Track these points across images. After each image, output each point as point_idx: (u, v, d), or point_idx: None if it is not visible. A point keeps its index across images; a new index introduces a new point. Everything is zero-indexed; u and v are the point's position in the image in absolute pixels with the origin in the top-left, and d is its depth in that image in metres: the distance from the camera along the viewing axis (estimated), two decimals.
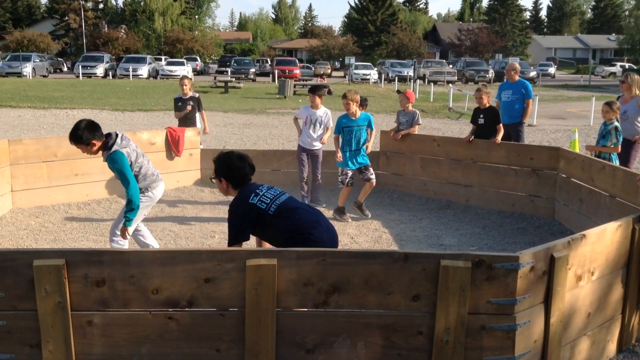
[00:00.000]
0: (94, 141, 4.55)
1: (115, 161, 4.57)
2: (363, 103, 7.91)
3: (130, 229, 4.71)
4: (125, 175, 4.57)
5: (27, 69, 38.89)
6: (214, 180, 3.84)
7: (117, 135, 4.68)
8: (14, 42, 51.77)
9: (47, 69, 42.61)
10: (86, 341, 2.85)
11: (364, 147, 7.10)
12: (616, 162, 6.57)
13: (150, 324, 2.85)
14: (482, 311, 2.91)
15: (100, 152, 4.65)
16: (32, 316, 2.81)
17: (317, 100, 7.50)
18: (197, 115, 9.09)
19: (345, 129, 6.94)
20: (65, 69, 50.40)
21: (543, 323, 3.14)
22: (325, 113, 7.57)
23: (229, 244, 3.66)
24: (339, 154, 6.93)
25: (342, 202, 7.11)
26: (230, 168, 3.73)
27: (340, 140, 6.98)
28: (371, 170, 7.12)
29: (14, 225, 6.53)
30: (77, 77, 38.97)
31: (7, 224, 6.59)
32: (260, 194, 3.68)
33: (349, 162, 7.00)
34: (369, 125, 7.09)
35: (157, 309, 2.84)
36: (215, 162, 3.80)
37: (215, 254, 2.83)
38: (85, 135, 4.50)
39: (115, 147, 4.61)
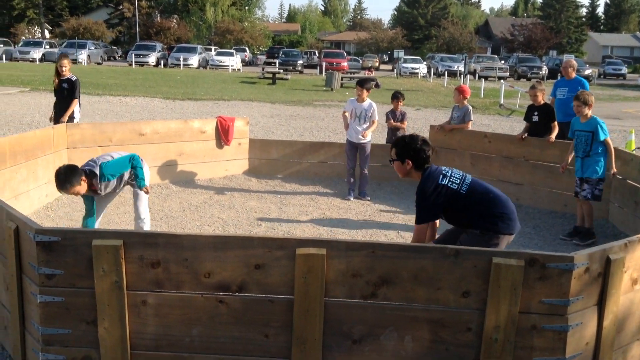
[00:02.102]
0: (82, 179, 4.56)
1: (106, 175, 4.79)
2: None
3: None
4: (119, 163, 4.90)
5: (83, 56, 40.07)
6: (393, 163, 3.97)
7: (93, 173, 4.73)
8: (70, 29, 53.33)
9: (101, 56, 43.80)
10: (140, 320, 2.94)
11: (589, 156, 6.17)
12: None
13: (202, 306, 2.91)
14: (534, 311, 2.86)
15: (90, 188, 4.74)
16: (90, 294, 2.91)
17: (364, 93, 7.46)
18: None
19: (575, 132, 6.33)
20: (118, 57, 51.67)
21: (596, 326, 3.07)
22: (370, 106, 7.54)
23: (418, 223, 3.80)
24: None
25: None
26: (416, 150, 3.84)
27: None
28: (585, 186, 6.17)
29: (70, 207, 6.76)
30: (130, 65, 39.90)
31: (64, 205, 6.82)
32: (448, 175, 3.79)
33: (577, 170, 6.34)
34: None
35: (208, 292, 2.91)
36: (398, 144, 3.93)
37: (266, 241, 2.87)
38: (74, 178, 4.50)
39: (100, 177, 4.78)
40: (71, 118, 8.21)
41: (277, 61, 41.39)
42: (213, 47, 49.87)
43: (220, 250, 2.86)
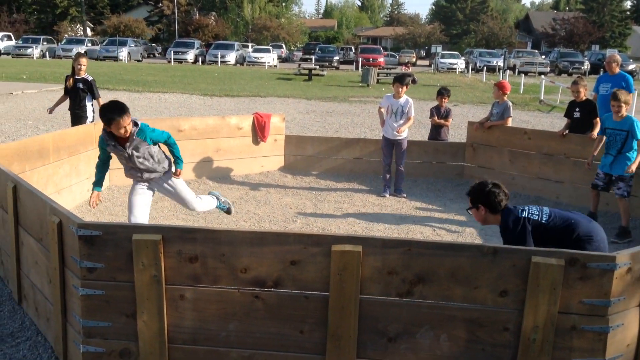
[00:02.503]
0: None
1: (145, 132, 4.63)
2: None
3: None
4: (158, 132, 4.76)
5: (123, 53, 40.89)
6: (470, 212, 4.00)
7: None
8: (111, 27, 54.44)
9: (141, 53, 44.59)
10: (178, 314, 2.99)
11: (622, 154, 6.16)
12: None
13: (238, 301, 2.95)
14: (574, 311, 2.81)
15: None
16: (129, 287, 2.97)
17: (401, 89, 7.41)
18: (89, 103, 8.30)
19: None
20: (157, 54, 52.52)
21: (637, 327, 3.00)
22: (406, 101, 7.47)
23: None
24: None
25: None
26: (486, 194, 3.85)
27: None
28: (621, 184, 6.16)
29: (110, 202, 6.91)
30: (169, 62, 40.51)
31: (104, 199, 6.97)
32: (527, 209, 3.84)
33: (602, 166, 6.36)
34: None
35: (245, 287, 2.94)
36: (470, 192, 3.97)
37: (302, 237, 2.88)
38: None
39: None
40: (84, 118, 8.09)
41: (313, 57, 41.49)
42: (250, 44, 50.22)
43: (257, 245, 2.89)
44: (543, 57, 45.02)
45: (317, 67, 32.15)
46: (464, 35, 64.60)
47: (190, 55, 42.00)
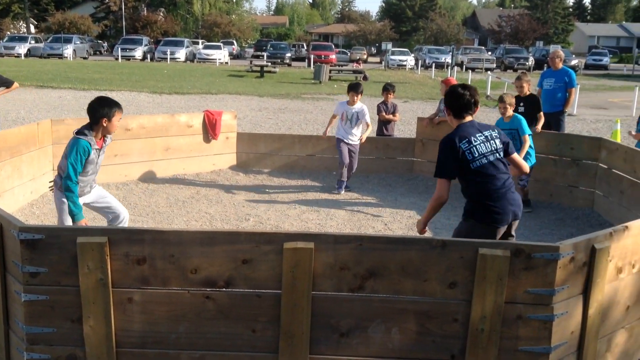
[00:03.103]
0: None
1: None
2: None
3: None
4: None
5: (68, 50, 39.69)
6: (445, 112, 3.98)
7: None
8: (56, 24, 52.80)
9: (87, 51, 43.40)
10: (126, 317, 2.92)
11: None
12: None
13: (189, 302, 2.90)
14: (520, 301, 2.88)
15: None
16: (75, 292, 2.88)
17: (356, 97, 7.48)
18: None
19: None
20: (104, 51, 51.27)
21: (581, 315, 3.09)
22: (361, 109, 7.55)
23: (434, 175, 3.78)
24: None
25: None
26: (451, 95, 3.80)
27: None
28: (523, 177, 6.65)
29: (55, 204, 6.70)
30: (116, 59, 39.60)
31: (49, 201, 6.76)
32: (475, 143, 3.70)
33: None
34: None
35: (195, 288, 2.89)
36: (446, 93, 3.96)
37: (254, 235, 2.86)
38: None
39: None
40: None
41: (265, 54, 41.31)
42: (200, 41, 49.59)
43: (207, 245, 2.85)
44: (489, 53, 46.12)
45: (269, 64, 31.98)
46: (414, 33, 65.50)
47: (138, 52, 41.15)
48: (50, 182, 3.61)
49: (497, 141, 3.79)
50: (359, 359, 2.97)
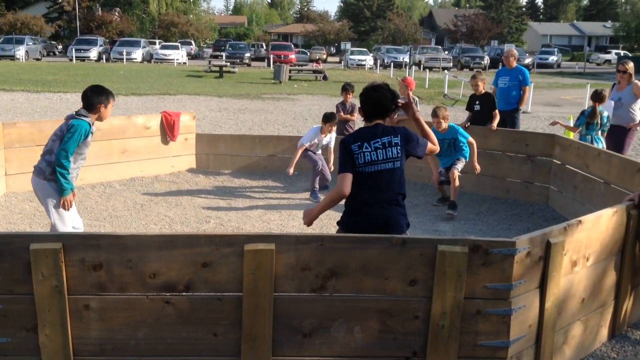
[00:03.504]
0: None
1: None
2: (350, 89, 8.22)
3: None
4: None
5: (20, 52, 38.54)
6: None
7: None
8: (7, 24, 51.19)
9: (40, 52, 42.22)
10: (83, 325, 2.85)
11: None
12: (600, 145, 6.83)
13: (147, 308, 2.85)
14: (478, 296, 2.93)
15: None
16: (29, 300, 2.80)
17: (331, 128, 7.48)
18: None
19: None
20: (58, 52, 50.01)
21: (538, 308, 3.16)
22: (332, 139, 7.65)
23: (338, 173, 3.57)
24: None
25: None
26: (362, 97, 3.64)
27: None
28: (458, 163, 6.86)
29: (8, 210, 6.51)
30: (71, 60, 38.67)
31: (1, 207, 6.56)
32: (368, 149, 3.46)
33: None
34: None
35: (154, 293, 2.84)
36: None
37: (214, 238, 2.83)
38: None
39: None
40: None
41: (224, 54, 40.97)
42: (157, 41, 48.85)
43: (166, 249, 2.81)
44: (446, 52, 46.83)
45: (228, 64, 31.76)
46: (372, 32, 65.91)
47: (93, 53, 40.25)
48: None
49: (396, 149, 3.50)
50: (322, 359, 2.97)
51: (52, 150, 4.35)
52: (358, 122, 8.95)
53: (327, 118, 7.50)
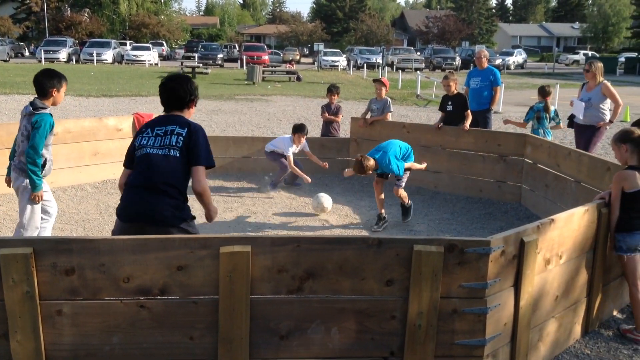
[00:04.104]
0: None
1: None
2: (335, 91, 8.16)
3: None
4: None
5: None
6: None
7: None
8: None
9: (8, 53, 41.35)
10: (55, 331, 2.79)
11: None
12: (550, 138, 7.38)
13: (122, 312, 2.80)
14: (454, 295, 2.94)
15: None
16: None
17: (302, 138, 7.66)
18: None
19: None
20: (27, 53, 49.06)
21: (513, 306, 3.20)
22: (305, 145, 7.81)
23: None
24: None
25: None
26: (159, 86, 3.62)
27: None
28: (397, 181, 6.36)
29: None
30: (40, 61, 37.94)
31: None
32: (148, 134, 3.43)
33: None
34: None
35: (128, 297, 2.80)
36: None
37: (189, 241, 2.79)
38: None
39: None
40: None
41: (196, 55, 40.67)
42: (128, 42, 48.25)
43: (140, 253, 2.76)
44: (418, 53, 47.21)
45: (201, 65, 31.57)
46: (345, 33, 66.13)
47: (62, 54, 39.62)
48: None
49: (177, 138, 3.40)
50: None
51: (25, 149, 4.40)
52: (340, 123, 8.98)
53: (297, 129, 7.68)
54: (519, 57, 47.32)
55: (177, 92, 3.54)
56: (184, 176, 3.43)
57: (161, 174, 3.32)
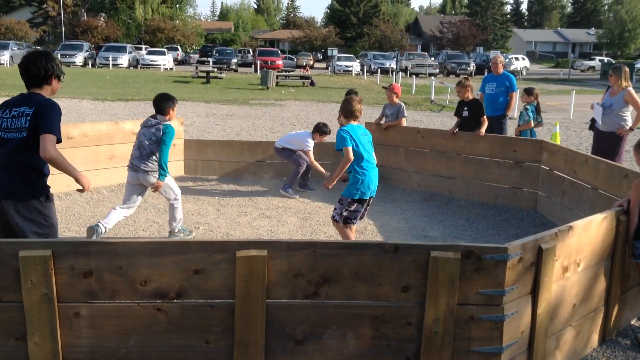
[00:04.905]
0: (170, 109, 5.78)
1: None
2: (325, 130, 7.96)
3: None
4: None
5: (5, 57, 38.23)
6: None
7: None
8: None
9: None
10: (73, 333, 2.81)
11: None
12: (535, 137, 7.78)
13: (139, 315, 2.82)
14: (471, 302, 2.92)
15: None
16: (18, 308, 2.76)
17: (322, 139, 7.86)
18: None
19: None
20: None
21: (530, 314, 3.17)
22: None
23: None
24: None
25: None
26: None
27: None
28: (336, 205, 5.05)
29: None
30: None
31: None
32: (6, 115, 3.65)
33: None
34: None
35: (145, 300, 2.81)
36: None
37: (205, 245, 2.80)
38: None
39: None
40: None
41: (210, 60, 40.91)
42: (143, 46, 48.68)
43: (157, 256, 2.78)
44: (432, 59, 47.14)
45: (215, 69, 31.69)
46: (358, 39, 66.14)
47: (79, 58, 40.04)
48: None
49: (25, 120, 3.59)
50: None
51: (152, 152, 5.57)
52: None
53: (319, 129, 7.78)
54: (517, 63, 43.72)
55: (31, 69, 3.70)
56: (34, 151, 3.58)
57: (9, 153, 3.57)
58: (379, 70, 37.94)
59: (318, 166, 7.66)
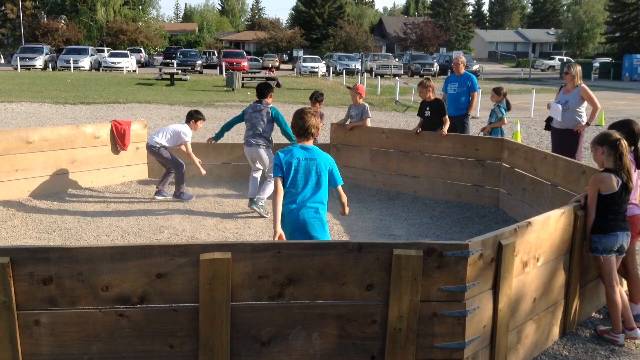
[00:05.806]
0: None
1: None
2: (319, 98, 8.05)
3: None
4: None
5: None
6: None
7: None
8: None
9: None
10: (33, 341, 2.76)
11: None
12: (503, 135, 7.93)
13: (101, 321, 2.78)
14: (434, 299, 2.97)
15: None
16: None
17: (199, 125, 7.89)
18: None
19: None
20: (2, 60, 48.38)
21: (492, 309, 3.23)
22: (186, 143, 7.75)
23: None
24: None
25: None
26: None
27: None
28: None
29: None
30: (15, 69, 37.46)
31: None
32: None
33: None
34: None
35: (107, 306, 2.78)
36: None
37: (168, 248, 2.78)
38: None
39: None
40: None
41: (175, 62, 40.48)
42: (106, 49, 47.89)
43: (118, 261, 2.74)
44: (397, 60, 47.50)
45: (180, 71, 31.33)
46: (324, 40, 66.29)
47: (39, 61, 39.12)
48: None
49: None
50: None
51: (265, 129, 7.01)
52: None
53: (195, 117, 7.73)
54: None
55: None
56: None
57: None
58: (344, 71, 38.10)
59: (195, 159, 7.49)
